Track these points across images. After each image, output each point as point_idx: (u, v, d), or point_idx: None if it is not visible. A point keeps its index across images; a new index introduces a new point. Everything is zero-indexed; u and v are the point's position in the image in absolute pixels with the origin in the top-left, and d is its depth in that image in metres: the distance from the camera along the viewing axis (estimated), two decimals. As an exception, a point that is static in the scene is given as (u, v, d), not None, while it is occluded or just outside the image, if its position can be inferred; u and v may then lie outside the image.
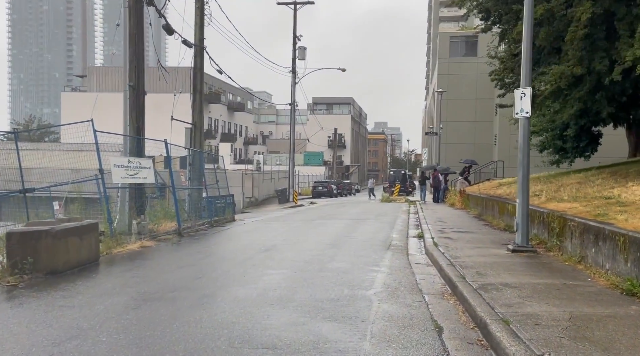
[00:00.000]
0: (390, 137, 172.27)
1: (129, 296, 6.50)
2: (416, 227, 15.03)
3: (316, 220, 18.49)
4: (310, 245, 11.35)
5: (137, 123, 13.86)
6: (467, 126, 55.74)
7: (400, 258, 9.30)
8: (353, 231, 14.20)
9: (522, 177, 8.61)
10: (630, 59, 10.44)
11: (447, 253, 8.69)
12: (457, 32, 63.98)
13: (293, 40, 38.68)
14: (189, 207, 19.24)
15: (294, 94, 38.70)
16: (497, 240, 10.35)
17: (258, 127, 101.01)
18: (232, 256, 10.06)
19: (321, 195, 49.26)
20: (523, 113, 8.52)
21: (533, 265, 7.36)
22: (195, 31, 20.72)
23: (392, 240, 11.91)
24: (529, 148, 8.66)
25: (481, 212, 17.27)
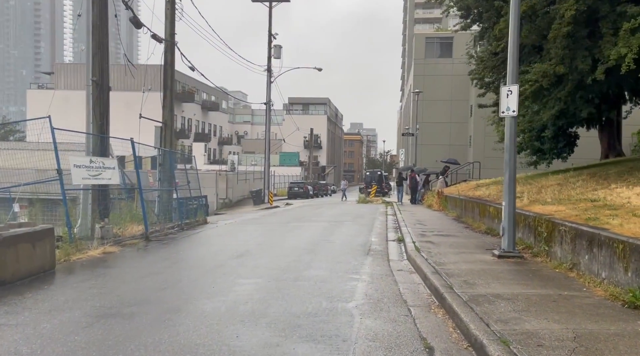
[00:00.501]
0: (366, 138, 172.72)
1: (82, 311, 5.81)
2: (395, 230, 14.58)
3: (292, 223, 17.90)
4: (285, 250, 10.75)
5: (101, 120, 13.03)
6: (442, 127, 55.93)
7: (381, 264, 8.79)
8: (330, 234, 13.66)
9: (508, 178, 8.20)
10: (614, 58, 10.18)
11: (430, 259, 8.21)
12: (433, 34, 64.26)
13: (268, 39, 37.98)
14: (159, 209, 18.46)
15: (269, 93, 38.02)
16: (481, 244, 9.94)
17: (233, 126, 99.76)
18: (201, 263, 9.39)
19: (297, 196, 48.66)
20: (510, 112, 8.11)
21: (522, 273, 6.93)
22: (166, 26, 19.90)
23: (371, 244, 11.40)
24: (515, 148, 8.26)
25: (460, 214, 16.95)
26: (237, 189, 41.02)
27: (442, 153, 53.62)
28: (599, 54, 11.20)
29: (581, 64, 11.38)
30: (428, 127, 52.45)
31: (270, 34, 37.91)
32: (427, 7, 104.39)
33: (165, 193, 18.58)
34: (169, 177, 19.68)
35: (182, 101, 66.77)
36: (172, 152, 19.90)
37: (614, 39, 10.74)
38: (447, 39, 59.74)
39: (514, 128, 8.18)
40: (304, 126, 75.88)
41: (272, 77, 38.65)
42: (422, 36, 60.40)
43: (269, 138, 37.68)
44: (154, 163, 21.31)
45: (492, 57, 14.37)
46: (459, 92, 56.22)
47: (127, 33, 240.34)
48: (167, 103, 20.55)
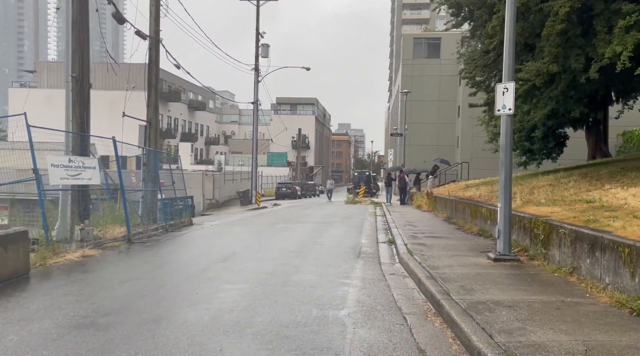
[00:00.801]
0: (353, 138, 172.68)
1: (53, 321, 5.39)
2: (385, 231, 14.28)
3: (280, 224, 17.52)
4: (273, 253, 10.38)
5: (81, 118, 12.54)
6: (430, 128, 55.91)
7: (372, 268, 8.46)
8: (319, 236, 13.31)
9: (504, 179, 7.92)
10: (609, 56, 9.98)
11: (424, 262, 7.91)
12: (421, 34, 64.30)
13: (256, 37, 37.55)
14: (143, 210, 18.01)
15: (257, 93, 37.56)
16: (474, 247, 9.67)
17: (220, 126, 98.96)
18: (184, 267, 8.98)
19: (285, 196, 48.23)
20: (506, 110, 7.83)
21: (520, 277, 6.65)
22: (150, 22, 19.43)
23: (361, 247, 11.08)
24: (511, 147, 7.98)
25: (450, 215, 16.72)
26: (224, 190, 40.49)
27: (429, 153, 53.57)
28: (592, 53, 11.01)
29: (574, 62, 11.19)
30: (416, 127, 52.40)
31: (258, 32, 37.49)
32: (415, 8, 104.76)
33: (150, 194, 18.12)
34: (154, 177, 19.21)
35: (168, 100, 65.97)
36: (156, 152, 19.43)
37: (608, 37, 10.55)
38: (434, 39, 59.79)
39: (510, 126, 7.90)
40: (292, 126, 75.46)
41: (260, 76, 38.23)
42: (410, 36, 60.37)
43: (256, 138, 37.23)
44: (139, 163, 20.79)
45: (483, 56, 14.15)
46: (447, 93, 56.25)
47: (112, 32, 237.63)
48: (152, 101, 20.09)
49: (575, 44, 11.26)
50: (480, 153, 47.57)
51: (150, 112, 20.02)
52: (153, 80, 20.05)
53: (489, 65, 13.83)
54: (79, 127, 12.44)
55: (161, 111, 65.54)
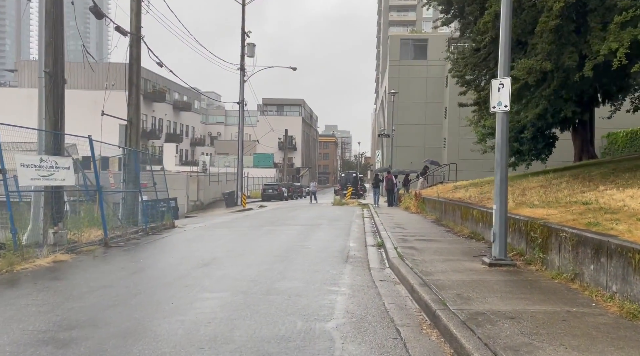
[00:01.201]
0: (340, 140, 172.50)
1: (8, 337, 4.84)
2: (374, 234, 13.86)
3: (265, 227, 17.01)
4: (257, 257, 9.88)
5: (55, 116, 11.92)
6: (417, 129, 55.80)
7: (361, 273, 8.01)
8: (306, 239, 12.84)
9: (499, 180, 7.53)
10: (604, 53, 9.68)
11: (416, 268, 7.48)
12: (407, 35, 64.23)
13: (242, 36, 37.00)
14: (123, 212, 17.43)
15: (243, 93, 37.02)
16: (467, 251, 9.27)
17: (206, 127, 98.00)
18: (162, 273, 8.45)
19: (271, 198, 47.65)
20: (501, 107, 7.44)
21: (519, 284, 6.24)
22: (131, 18, 18.84)
23: (349, 250, 10.63)
24: (507, 147, 7.60)
25: (440, 217, 16.36)
26: (209, 191, 39.81)
27: (417, 154, 53.44)
28: (586, 50, 10.72)
29: (568, 60, 10.88)
30: (403, 128, 52.22)
31: (244, 31, 36.96)
32: (402, 10, 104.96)
33: (130, 196, 17.56)
34: (134, 178, 18.62)
35: (152, 101, 65.03)
36: (138, 152, 18.81)
37: (603, 34, 10.26)
38: (421, 40, 59.75)
39: (506, 124, 7.51)
40: (279, 127, 75.02)
41: (246, 76, 37.69)
42: (397, 37, 60.24)
43: (242, 139, 36.64)
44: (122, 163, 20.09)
45: (473, 54, 13.82)
46: (434, 94, 56.22)
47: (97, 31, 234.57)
48: (133, 100, 19.50)
49: (568, 41, 10.96)
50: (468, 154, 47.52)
51: (131, 111, 19.42)
52: (134, 78, 19.47)
53: (479, 64, 13.49)
54: (53, 125, 11.82)
55: (145, 111, 64.76)
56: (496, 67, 13.22)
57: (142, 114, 64.36)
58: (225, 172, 45.10)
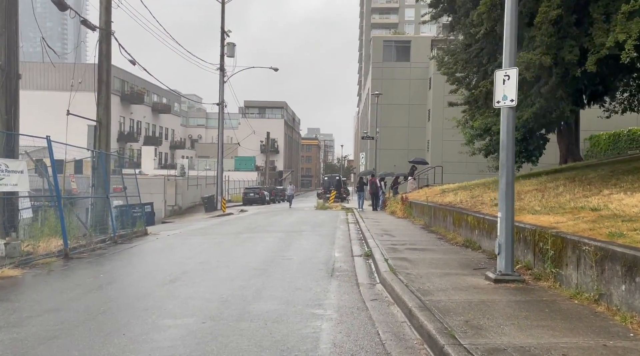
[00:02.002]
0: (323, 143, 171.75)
1: None
2: (360, 242, 12.93)
3: (244, 234, 15.96)
4: (232, 271, 8.86)
5: (7, 114, 10.76)
6: (400, 131, 55.23)
7: (349, 290, 7.05)
8: (287, 248, 11.85)
9: (505, 184, 6.65)
10: (610, 45, 8.92)
11: (411, 284, 6.55)
12: (390, 36, 63.76)
13: (221, 36, 35.89)
14: (92, 219, 16.27)
15: (222, 93, 35.88)
16: (466, 262, 8.39)
17: (186, 130, 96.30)
18: (121, 292, 7.37)
19: (253, 202, 46.49)
20: (507, 101, 6.58)
21: (535, 306, 5.35)
22: (101, 12, 17.72)
23: (335, 261, 9.67)
24: (514, 146, 6.72)
25: (429, 223, 15.52)
26: (187, 195, 38.51)
27: (400, 157, 52.78)
28: (588, 43, 9.97)
29: (568, 54, 10.12)
30: (386, 131, 51.57)
31: (223, 30, 35.87)
32: (384, 12, 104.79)
33: (100, 201, 16.42)
34: (104, 183, 17.45)
35: (130, 102, 63.39)
36: (107, 155, 17.65)
37: (606, 26, 9.52)
38: (404, 42, 59.31)
39: (512, 121, 6.64)
40: (261, 130, 73.78)
41: (226, 76, 36.59)
42: (380, 39, 59.71)
43: (221, 141, 35.46)
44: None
45: (464, 50, 13.01)
46: (417, 97, 55.72)
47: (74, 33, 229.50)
48: (103, 99, 18.36)
49: (568, 33, 10.20)
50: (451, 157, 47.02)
51: (101, 111, 18.27)
52: (104, 76, 18.33)
53: (471, 60, 12.69)
54: (5, 124, 10.65)
55: (123, 113, 63.05)
56: (490, 63, 12.45)
57: (120, 116, 62.66)
58: (205, 176, 43.80)
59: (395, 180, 29.69)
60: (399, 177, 30.30)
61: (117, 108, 60.87)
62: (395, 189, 28.72)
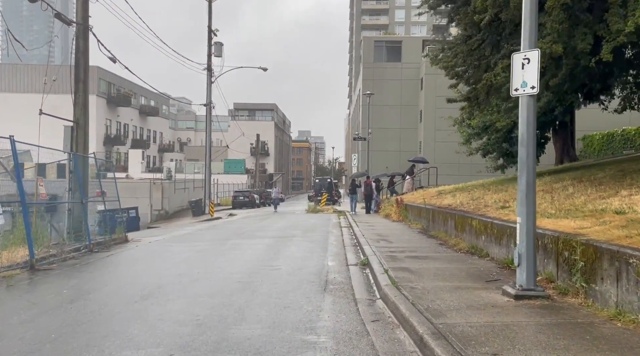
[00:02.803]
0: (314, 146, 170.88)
1: None
2: (355, 248, 12.00)
3: (231, 240, 14.97)
4: (213, 284, 7.88)
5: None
6: (392, 133, 54.51)
7: (346, 309, 6.11)
8: (276, 257, 10.88)
9: (526, 184, 5.75)
10: (630, 30, 8.09)
11: (418, 302, 5.63)
12: (381, 37, 63.10)
13: (208, 34, 34.90)
14: (69, 225, 15.23)
15: (210, 94, 34.87)
16: (475, 273, 7.48)
17: (175, 133, 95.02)
18: (80, 314, 6.35)
19: (243, 205, 45.40)
20: (527, 89, 5.69)
21: (573, 331, 4.44)
22: (77, 6, 16.77)
23: (328, 272, 8.72)
24: (535, 140, 5.82)
25: (427, 227, 14.63)
26: (174, 199, 37.36)
27: (392, 159, 52.04)
28: (603, 31, 9.14)
29: (581, 43, 9.28)
30: (378, 132, 50.78)
31: (210, 29, 34.88)
32: (374, 14, 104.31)
33: (77, 207, 15.40)
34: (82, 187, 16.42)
35: (117, 105, 62.08)
36: (85, 157, 16.64)
37: (623, 11, 8.70)
38: (395, 42, 58.65)
39: (532, 112, 5.74)
40: (251, 132, 72.65)
41: (213, 76, 35.57)
42: (371, 39, 59.02)
43: (209, 143, 34.41)
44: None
45: (465, 41, 12.15)
46: (409, 97, 55.03)
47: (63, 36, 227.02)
48: (80, 99, 17.35)
49: (581, 20, 9.37)
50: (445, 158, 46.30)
51: (78, 111, 17.25)
52: (81, 74, 17.32)
53: (472, 52, 11.83)
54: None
55: (110, 116, 61.72)
56: (492, 54, 11.59)
57: (106, 119, 61.31)
58: (192, 179, 42.65)
59: (391, 180, 28.69)
60: (394, 177, 29.28)
61: (103, 111, 59.60)
62: (392, 189, 27.68)
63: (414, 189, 24.97)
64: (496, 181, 17.79)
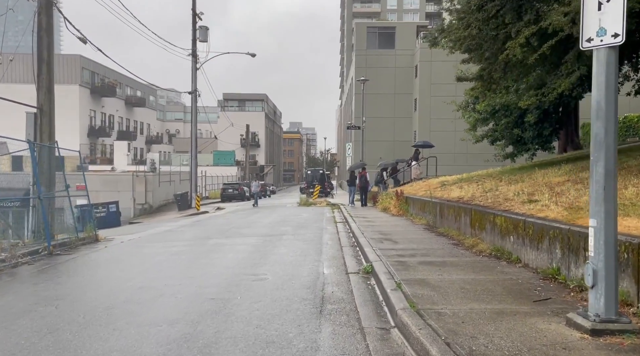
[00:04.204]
0: (305, 137, 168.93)
1: None
2: (354, 249, 10.36)
3: (214, 239, 13.29)
4: (178, 304, 6.18)
5: None
6: (386, 122, 52.88)
7: (351, 348, 4.42)
8: (262, 261, 9.20)
9: (604, 172, 4.09)
10: None
11: (454, 340, 3.98)
12: (374, 23, 61.25)
13: (192, 18, 32.95)
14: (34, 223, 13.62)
15: (195, 81, 33.00)
16: (513, 286, 5.85)
17: (164, 124, 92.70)
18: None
19: (232, 198, 43.69)
20: (606, 38, 4.02)
21: None
22: (38, -22, 14.85)
23: (324, 284, 7.06)
24: (616, 113, 4.15)
25: (433, 222, 13.01)
26: (159, 193, 35.50)
27: (386, 149, 50.38)
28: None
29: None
30: (371, 122, 49.07)
31: (195, 12, 32.95)
32: (366, 1, 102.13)
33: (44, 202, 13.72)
34: (48, 180, 14.77)
35: (101, 95, 59.84)
36: (51, 147, 14.91)
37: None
38: (389, 28, 56.79)
39: (613, 71, 4.07)
40: (241, 123, 70.64)
41: (199, 63, 33.67)
42: (364, 25, 57.15)
43: (195, 133, 32.58)
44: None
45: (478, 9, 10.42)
46: (403, 86, 53.32)
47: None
48: (44, 82, 15.64)
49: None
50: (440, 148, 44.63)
51: (42, 96, 15.56)
52: (44, 54, 15.59)
53: (489, 20, 10.12)
54: None
55: (94, 107, 59.42)
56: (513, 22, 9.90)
57: (90, 110, 59.02)
58: (179, 171, 40.75)
59: (395, 168, 26.77)
60: (397, 163, 27.33)
61: (86, 101, 57.38)
62: (395, 178, 25.71)
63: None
64: (505, 170, 16.18)
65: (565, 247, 5.86)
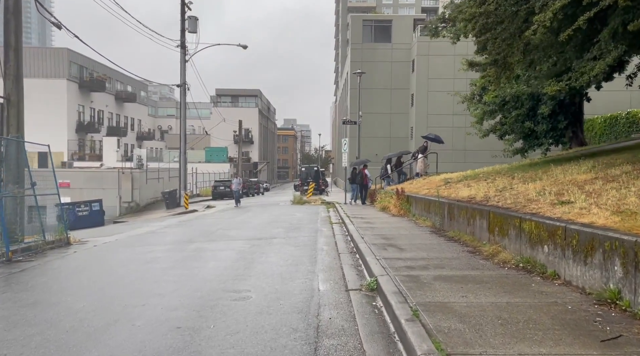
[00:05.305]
0: (300, 133, 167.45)
1: None
2: (353, 256, 9.04)
3: (196, 242, 11.95)
4: (132, 337, 4.83)
5: None
6: (382, 118, 51.57)
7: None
8: (246, 273, 7.86)
9: None
10: None
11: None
12: (370, 16, 59.72)
13: (181, 8, 31.49)
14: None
15: (184, 74, 31.61)
16: (565, 315, 4.55)
17: (156, 120, 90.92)
18: None
19: (223, 195, 42.26)
20: None
21: None
22: (2, -48, 13.38)
23: (320, 307, 5.72)
24: None
25: (440, 224, 11.71)
26: (146, 190, 34.04)
27: (382, 145, 49.05)
28: None
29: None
30: (366, 118, 47.70)
31: (184, 2, 31.45)
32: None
33: (11, 202, 12.50)
34: (17, 177, 13.47)
35: (90, 90, 58.13)
36: (20, 142, 13.61)
37: None
38: (385, 22, 55.37)
39: None
40: (234, 119, 69.14)
41: (188, 54, 32.23)
42: (359, 18, 55.70)
43: (184, 128, 31.19)
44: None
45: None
46: (399, 81, 51.99)
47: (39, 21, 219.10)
48: (11, 70, 14.36)
49: None
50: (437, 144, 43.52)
51: (9, 85, 14.28)
52: (12, 40, 14.32)
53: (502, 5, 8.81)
54: None
55: (82, 102, 57.68)
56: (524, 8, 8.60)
57: (78, 105, 57.31)
58: (168, 168, 39.28)
59: (399, 161, 25.02)
60: (402, 156, 25.50)
61: (74, 96, 55.74)
62: (400, 172, 24.03)
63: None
64: (514, 167, 14.92)
65: (630, 263, 4.56)
